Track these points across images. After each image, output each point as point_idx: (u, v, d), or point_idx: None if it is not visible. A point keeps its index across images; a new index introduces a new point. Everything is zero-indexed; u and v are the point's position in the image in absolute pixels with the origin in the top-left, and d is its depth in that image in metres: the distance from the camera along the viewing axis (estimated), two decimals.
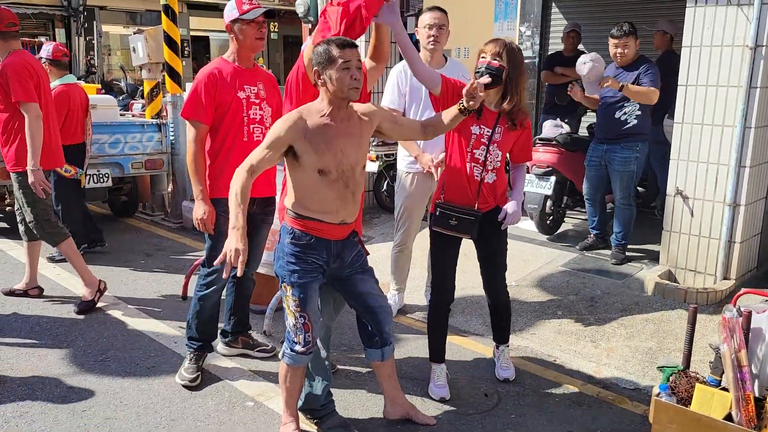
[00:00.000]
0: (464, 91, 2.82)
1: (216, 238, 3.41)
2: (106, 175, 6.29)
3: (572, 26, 7.29)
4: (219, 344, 3.84)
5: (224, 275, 2.72)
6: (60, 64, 5.45)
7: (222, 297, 3.64)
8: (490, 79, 3.00)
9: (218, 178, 3.35)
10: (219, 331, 3.81)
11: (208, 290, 3.49)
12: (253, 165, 2.66)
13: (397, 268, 4.44)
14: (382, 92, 4.36)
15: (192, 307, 3.55)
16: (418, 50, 4.23)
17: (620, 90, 4.82)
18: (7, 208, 7.14)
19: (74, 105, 5.47)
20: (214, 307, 3.56)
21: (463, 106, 2.85)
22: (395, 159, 4.91)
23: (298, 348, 2.85)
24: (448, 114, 2.94)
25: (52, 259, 5.58)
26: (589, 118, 6.94)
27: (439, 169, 4.08)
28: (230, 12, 3.34)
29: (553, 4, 8.88)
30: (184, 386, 3.45)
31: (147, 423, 3.13)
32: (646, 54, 5.25)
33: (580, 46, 7.20)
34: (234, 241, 2.57)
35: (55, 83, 5.33)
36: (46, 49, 5.46)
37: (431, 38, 4.03)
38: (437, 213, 3.26)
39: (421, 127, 3.02)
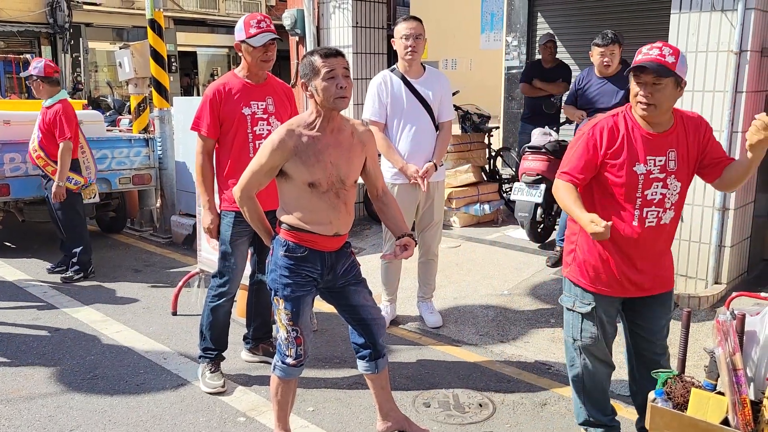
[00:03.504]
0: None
1: (225, 249, 3.50)
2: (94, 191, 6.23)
3: (548, 37, 7.31)
4: (243, 350, 3.94)
5: None
6: (52, 80, 5.31)
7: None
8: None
9: (225, 192, 3.43)
10: (242, 337, 3.93)
11: (221, 300, 3.57)
12: (247, 194, 2.76)
13: (388, 279, 4.40)
14: (363, 104, 4.33)
15: (205, 318, 3.60)
16: (396, 61, 4.24)
17: None
18: None
19: (76, 119, 5.42)
20: (227, 315, 3.64)
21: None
22: None
23: (289, 361, 2.81)
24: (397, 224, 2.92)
25: (51, 270, 5.61)
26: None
27: (426, 179, 4.07)
28: (239, 32, 3.40)
29: (539, 14, 8.96)
30: (215, 393, 3.48)
31: None
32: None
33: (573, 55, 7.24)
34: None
35: (52, 100, 5.29)
36: (37, 66, 5.30)
37: (409, 49, 4.02)
38: None
39: (378, 192, 2.95)
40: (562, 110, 6.54)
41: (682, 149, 2.64)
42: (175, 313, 4.68)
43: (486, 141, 7.32)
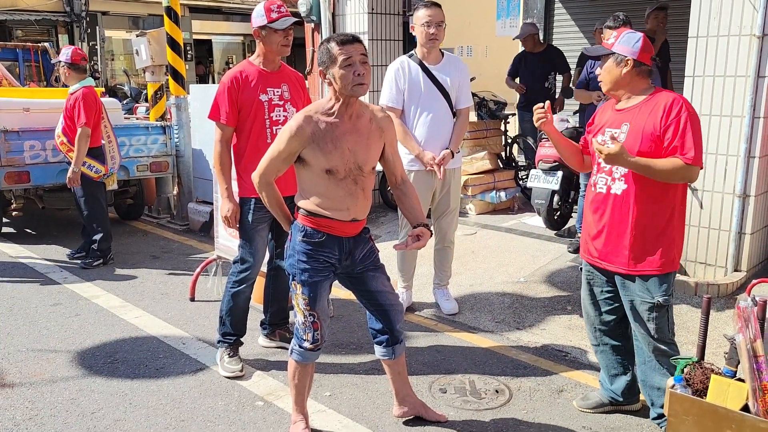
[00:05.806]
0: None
1: (246, 235, 3.53)
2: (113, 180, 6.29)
3: (529, 30, 7.23)
4: (260, 336, 3.97)
5: None
6: (79, 67, 5.43)
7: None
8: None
9: (244, 178, 3.44)
10: (259, 322, 3.96)
11: (241, 286, 3.61)
12: (265, 180, 2.77)
13: (404, 266, 4.41)
14: (379, 90, 4.31)
15: (225, 303, 3.64)
16: (414, 46, 4.21)
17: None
18: (14, 213, 7.17)
19: (98, 106, 5.49)
20: (246, 301, 3.68)
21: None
22: None
23: (306, 345, 2.83)
24: (414, 212, 2.91)
25: (71, 256, 5.68)
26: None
27: (442, 166, 4.06)
28: (258, 18, 3.41)
29: None
30: (234, 377, 3.53)
31: (157, 424, 3.11)
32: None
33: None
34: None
35: (76, 86, 5.38)
36: (65, 53, 5.44)
37: (431, 36, 4.00)
38: None
39: (398, 180, 2.94)
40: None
41: (636, 125, 2.76)
42: (193, 299, 4.72)
43: (502, 128, 7.28)
